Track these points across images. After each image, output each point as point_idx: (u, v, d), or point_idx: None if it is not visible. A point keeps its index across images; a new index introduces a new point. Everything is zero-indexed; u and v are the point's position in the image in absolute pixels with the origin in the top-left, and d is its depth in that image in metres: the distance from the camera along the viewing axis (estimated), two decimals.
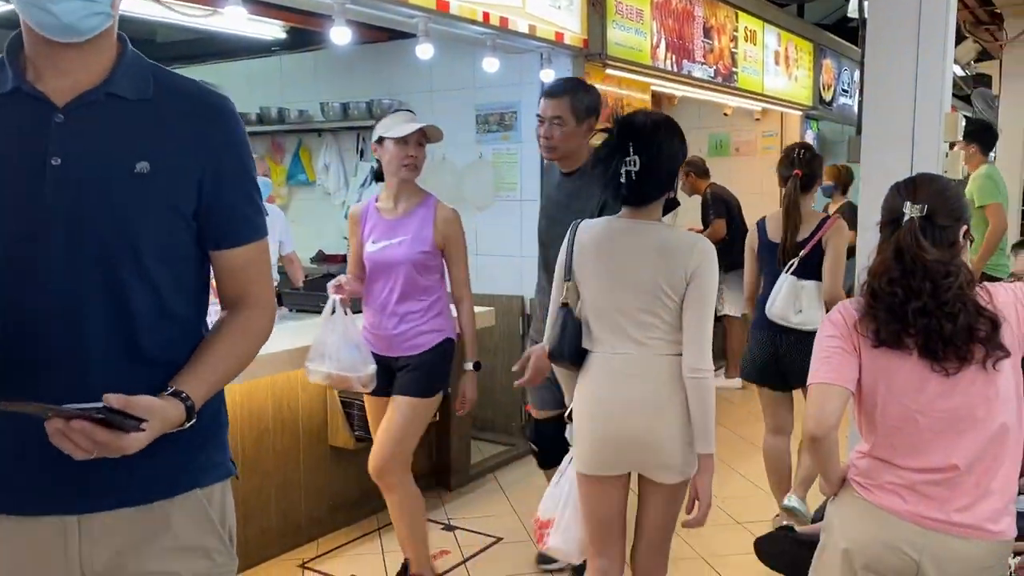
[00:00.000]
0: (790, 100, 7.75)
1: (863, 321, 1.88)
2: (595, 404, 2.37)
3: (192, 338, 1.50)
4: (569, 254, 2.44)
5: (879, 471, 1.91)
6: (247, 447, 3.53)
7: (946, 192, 1.91)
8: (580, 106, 3.09)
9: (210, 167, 1.41)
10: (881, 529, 1.88)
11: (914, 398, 1.85)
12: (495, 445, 5.14)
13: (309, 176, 6.21)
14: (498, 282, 5.27)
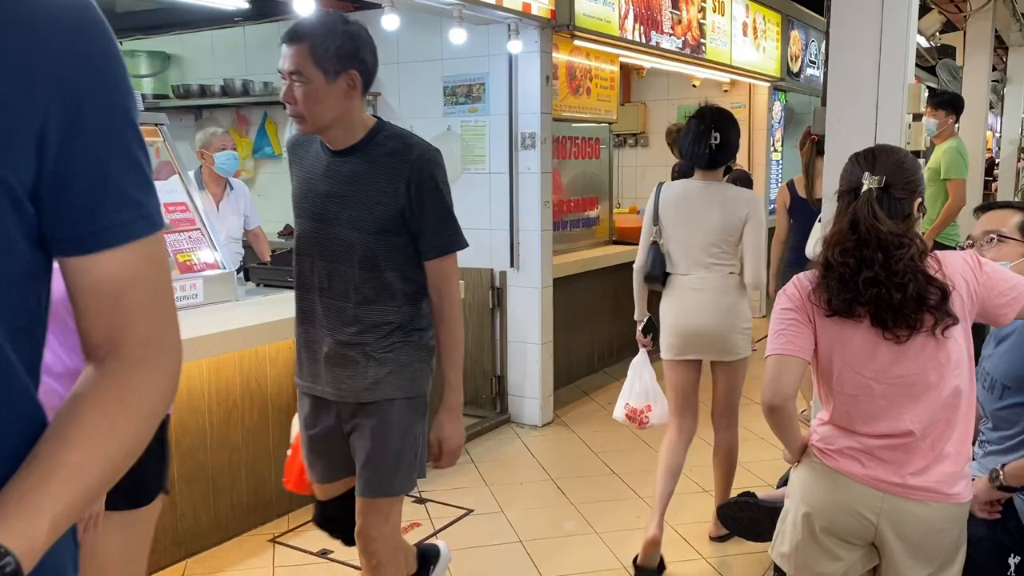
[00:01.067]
0: (758, 71, 7.77)
1: (816, 291, 1.91)
2: (678, 310, 3.42)
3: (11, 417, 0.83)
4: (656, 207, 3.42)
5: (838, 437, 1.96)
6: (215, 422, 3.51)
7: (904, 164, 1.94)
8: (327, 55, 2.10)
9: (56, 107, 0.80)
10: (840, 493, 1.93)
11: (867, 365, 1.89)
12: (466, 417, 5.14)
13: (275, 149, 6.13)
14: (468, 254, 5.23)
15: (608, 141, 6.41)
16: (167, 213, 3.82)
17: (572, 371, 5.97)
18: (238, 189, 4.80)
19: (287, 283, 4.20)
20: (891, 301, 1.82)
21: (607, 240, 6.43)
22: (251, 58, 6.18)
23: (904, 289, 1.81)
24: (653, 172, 8.67)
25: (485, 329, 5.24)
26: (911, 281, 1.82)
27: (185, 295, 3.63)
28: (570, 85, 5.60)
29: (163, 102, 6.28)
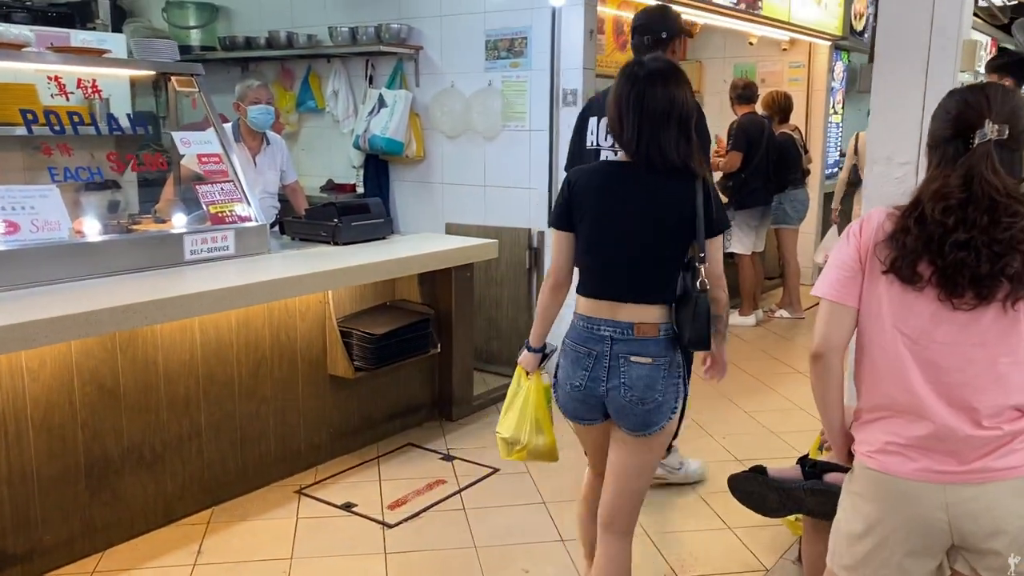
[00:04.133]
0: (819, 30, 7.45)
1: (883, 244, 1.70)
2: None
3: None
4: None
5: (878, 431, 1.77)
6: (244, 373, 3.54)
7: (1020, 112, 1.68)
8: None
9: None
10: (896, 501, 1.71)
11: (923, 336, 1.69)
12: (498, 377, 5.13)
13: (319, 103, 6.10)
14: (506, 214, 5.19)
15: None
16: (200, 164, 3.83)
17: None
18: (275, 143, 4.78)
19: (321, 237, 4.21)
20: (977, 270, 1.61)
21: None
22: (296, 11, 6.13)
23: (996, 261, 1.60)
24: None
25: (521, 289, 5.18)
26: (1011, 254, 1.59)
27: (216, 246, 3.65)
28: (617, 40, 5.43)
29: (209, 54, 6.29)
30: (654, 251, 2.25)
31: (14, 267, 2.97)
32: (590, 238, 2.31)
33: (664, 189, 2.24)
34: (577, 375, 2.30)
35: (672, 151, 2.22)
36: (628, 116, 2.23)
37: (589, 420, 2.37)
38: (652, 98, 2.21)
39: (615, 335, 2.25)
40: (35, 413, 2.84)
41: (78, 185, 3.53)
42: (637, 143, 2.23)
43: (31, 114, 3.32)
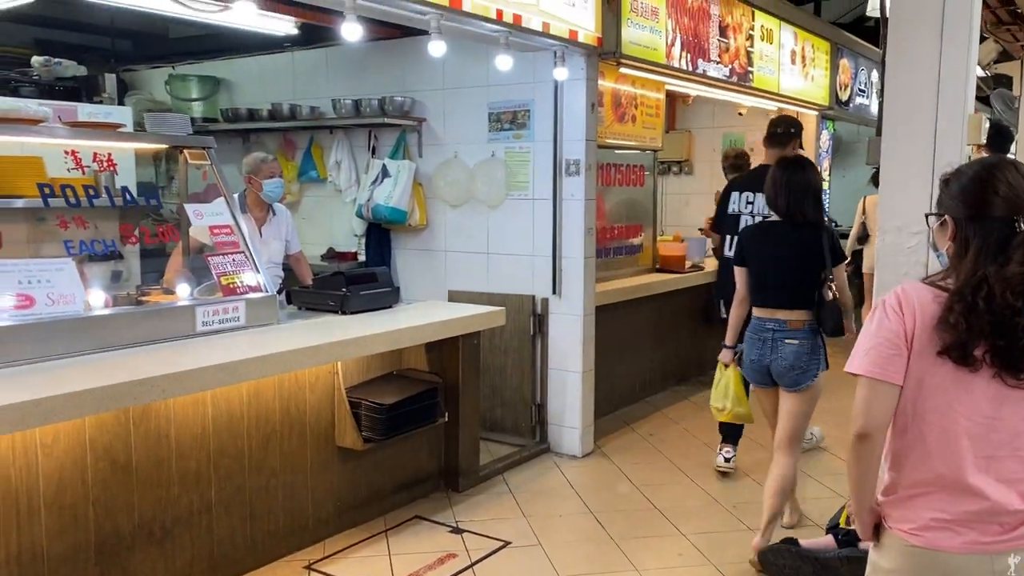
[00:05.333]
0: (806, 100, 7.66)
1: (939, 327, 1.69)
2: None
3: None
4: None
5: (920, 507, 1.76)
6: (254, 447, 3.50)
7: None
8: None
9: None
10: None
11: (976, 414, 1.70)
12: (505, 446, 5.09)
13: (321, 173, 6.17)
14: (510, 281, 5.23)
15: (653, 168, 6.35)
16: (212, 235, 3.85)
17: (613, 400, 5.87)
18: (280, 214, 4.83)
19: (329, 307, 4.21)
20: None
21: (650, 268, 6.34)
22: (299, 83, 6.25)
23: None
24: (698, 200, 8.58)
25: (526, 356, 5.18)
26: None
27: (227, 317, 3.64)
28: (615, 112, 5.56)
29: (212, 125, 6.37)
30: (797, 276, 3.61)
31: (30, 340, 2.95)
32: (758, 269, 3.72)
33: (803, 237, 3.62)
34: (753, 352, 3.68)
35: (809, 213, 3.62)
36: (782, 192, 3.61)
37: (763, 384, 3.74)
38: (796, 180, 3.61)
39: (775, 327, 3.62)
40: (47, 490, 2.79)
41: (82, 256, 3.54)
42: (788, 208, 3.62)
43: (48, 188, 3.33)
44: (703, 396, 6.43)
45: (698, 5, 5.78)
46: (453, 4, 3.83)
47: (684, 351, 6.83)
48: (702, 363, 7.11)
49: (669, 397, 6.41)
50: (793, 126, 4.78)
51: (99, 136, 3.81)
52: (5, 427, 2.51)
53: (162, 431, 3.14)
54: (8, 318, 2.91)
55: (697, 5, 5.77)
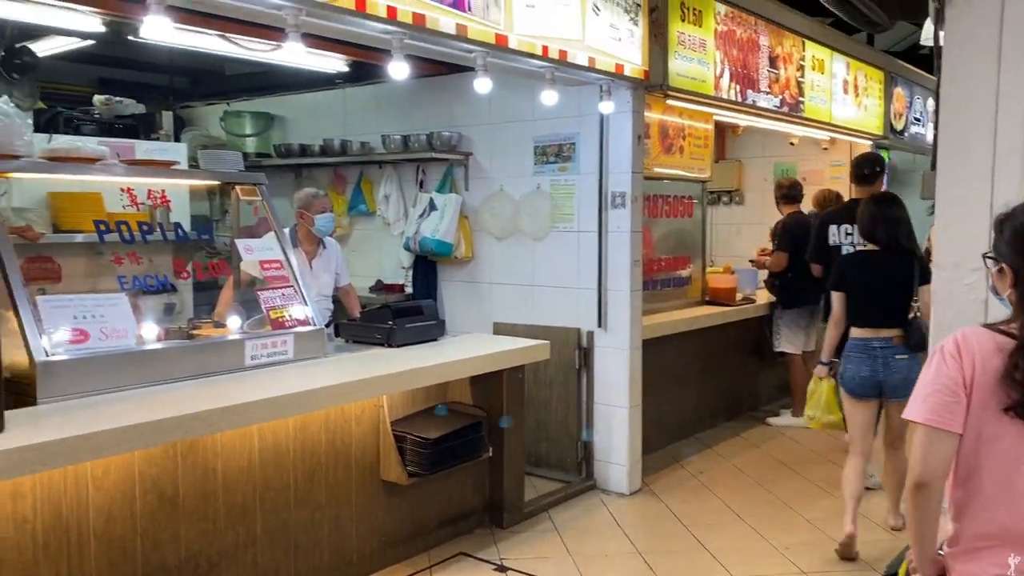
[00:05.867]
0: (859, 129, 7.53)
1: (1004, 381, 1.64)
2: None
3: None
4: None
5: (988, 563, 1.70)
6: (300, 480, 3.51)
7: None
8: None
9: None
10: None
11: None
12: (550, 482, 5.03)
13: (370, 207, 6.25)
14: (554, 314, 5.20)
15: (702, 199, 6.29)
16: (262, 270, 3.91)
17: (662, 437, 5.78)
18: (330, 247, 4.89)
19: (375, 339, 4.24)
20: None
21: (699, 300, 6.26)
22: (349, 119, 6.36)
23: None
24: (749, 230, 8.47)
25: (571, 390, 5.14)
26: None
27: (276, 351, 3.68)
28: (663, 143, 5.53)
29: (265, 161, 6.51)
30: (899, 297, 4.06)
31: (83, 374, 3.01)
32: (861, 293, 4.14)
33: (899, 264, 4.09)
34: (864, 369, 4.03)
35: (904, 242, 4.11)
36: (880, 224, 4.10)
37: (867, 397, 4.09)
38: (891, 214, 4.11)
39: (882, 345, 4.02)
40: (97, 522, 2.83)
41: (137, 291, 3.62)
42: (887, 239, 4.09)
43: (103, 224, 3.42)
44: (755, 432, 6.30)
45: (747, 36, 5.75)
46: (499, 41, 3.86)
47: (735, 386, 6.70)
48: (754, 398, 6.97)
49: (719, 433, 6.28)
50: (879, 164, 5.27)
51: (154, 173, 3.92)
52: (58, 460, 2.56)
53: (209, 464, 3.17)
54: (63, 352, 2.98)
55: (746, 37, 5.74)
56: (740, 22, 5.67)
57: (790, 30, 6.32)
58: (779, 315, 6.41)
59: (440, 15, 3.57)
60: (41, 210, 4.22)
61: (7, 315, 2.91)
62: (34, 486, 2.67)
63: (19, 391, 2.88)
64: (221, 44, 4.54)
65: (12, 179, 3.80)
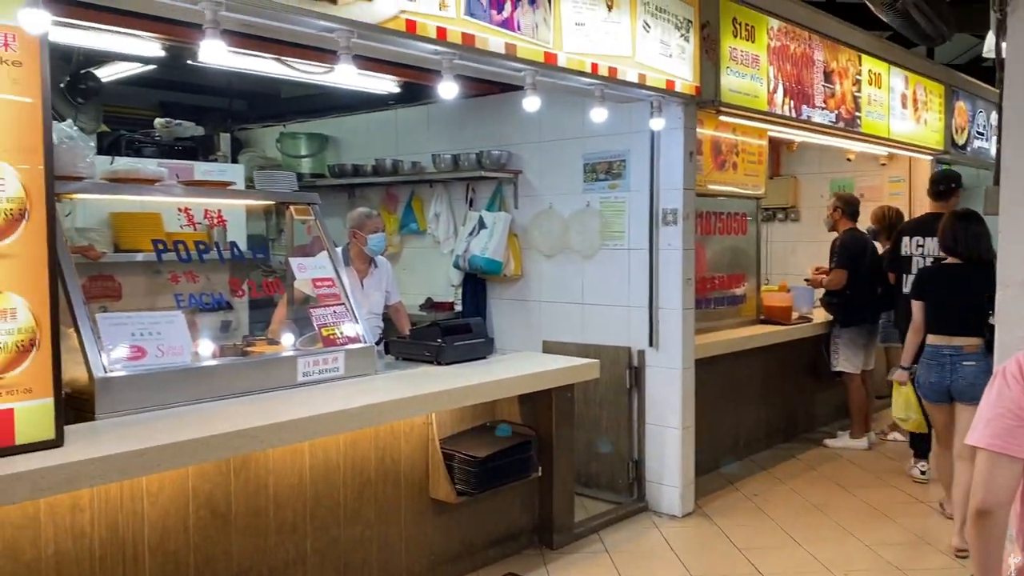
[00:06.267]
0: (919, 144, 7.35)
1: None
2: None
3: None
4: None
5: None
6: (349, 497, 3.53)
7: None
8: None
9: None
10: None
11: None
12: (601, 503, 4.97)
13: (420, 225, 6.30)
14: (605, 332, 5.16)
15: (756, 215, 6.19)
16: (315, 287, 3.96)
17: (715, 458, 5.67)
18: (382, 266, 4.94)
19: (425, 357, 4.25)
20: None
21: (754, 319, 6.15)
22: (401, 139, 6.44)
23: None
24: (805, 247, 8.31)
25: (622, 410, 5.08)
26: None
27: (327, 368, 3.71)
28: (715, 160, 5.47)
29: (319, 181, 6.62)
30: (970, 309, 4.25)
31: (139, 390, 3.07)
32: (937, 303, 4.43)
33: (978, 275, 4.16)
34: (933, 375, 4.35)
35: (984, 255, 4.25)
36: (961, 239, 4.37)
37: (939, 402, 4.39)
38: (972, 230, 4.36)
39: (952, 353, 4.30)
40: (152, 537, 2.88)
41: (194, 308, 3.69)
42: (967, 253, 4.36)
43: (161, 244, 3.51)
44: (812, 454, 6.14)
45: (801, 51, 5.66)
46: (548, 60, 3.87)
47: (791, 407, 6.55)
48: (810, 419, 6.81)
49: (775, 455, 6.14)
50: (954, 181, 5.57)
51: (211, 194, 4.01)
52: (114, 475, 2.61)
53: (261, 481, 3.21)
54: (121, 368, 3.05)
55: (800, 51, 5.65)
56: (794, 37, 5.59)
57: (846, 44, 6.21)
58: (837, 334, 6.26)
59: (489, 35, 3.59)
60: (103, 230, 4.36)
61: (69, 332, 2.99)
62: (92, 500, 2.73)
63: (78, 406, 2.95)
64: (276, 67, 4.63)
65: (76, 200, 3.92)
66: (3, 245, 2.48)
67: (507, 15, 3.65)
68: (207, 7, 2.78)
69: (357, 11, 3.13)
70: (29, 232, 2.53)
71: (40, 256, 2.56)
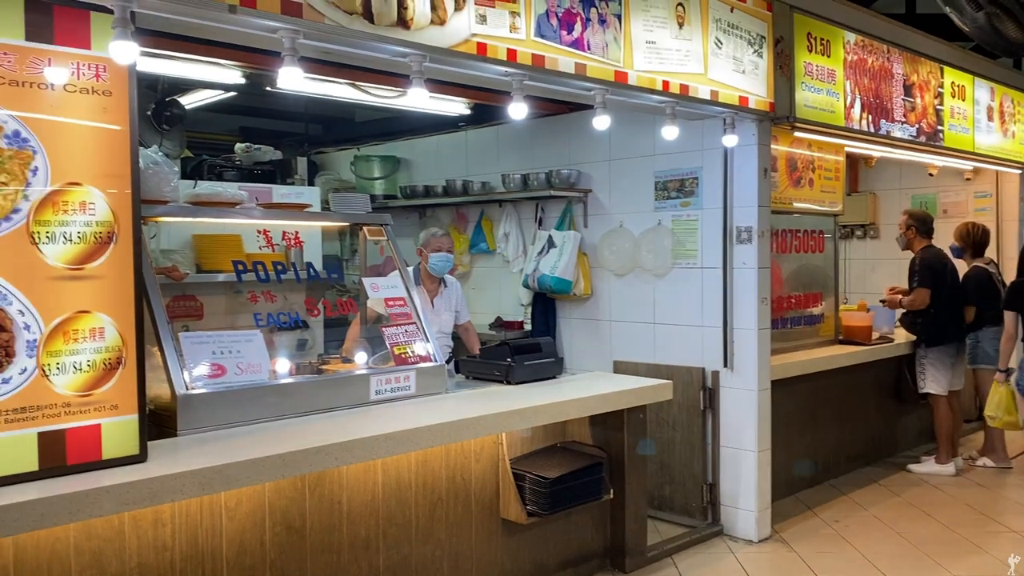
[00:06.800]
0: (1006, 157, 7.06)
1: None
2: None
3: None
4: None
5: None
6: (421, 516, 3.54)
7: None
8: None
9: None
10: None
11: None
12: (674, 526, 4.88)
13: (490, 245, 6.34)
14: (678, 352, 5.08)
15: (833, 233, 6.03)
16: (387, 307, 4.01)
17: (792, 482, 5.51)
18: (451, 286, 4.98)
19: (494, 376, 4.25)
20: None
21: (832, 339, 5.97)
22: (471, 159, 6.50)
23: None
24: (885, 265, 8.06)
25: (695, 432, 4.98)
26: None
27: (399, 386, 3.75)
28: (790, 176, 5.36)
29: (392, 202, 6.73)
30: None
31: (219, 407, 3.16)
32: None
33: None
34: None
35: None
36: None
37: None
38: None
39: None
40: (229, 552, 2.94)
41: (271, 327, 3.78)
42: None
43: (241, 264, 3.61)
44: (895, 479, 5.91)
45: (879, 65, 5.52)
46: (618, 78, 3.86)
47: (872, 430, 6.33)
48: (893, 443, 6.57)
49: (856, 480, 5.93)
50: None
51: (289, 216, 4.11)
52: (194, 490, 2.68)
53: (335, 497, 3.25)
54: (202, 386, 3.14)
55: (879, 65, 5.51)
56: (872, 50, 5.45)
57: (927, 56, 6.03)
58: (923, 354, 6.04)
59: (559, 55, 3.60)
60: (186, 251, 4.51)
61: (153, 351, 3.10)
62: (173, 514, 2.81)
63: (161, 422, 3.05)
64: (350, 92, 4.75)
65: (160, 222, 4.07)
66: (92, 267, 2.59)
67: (577, 35, 3.66)
68: (286, 36, 2.86)
69: (430, 36, 3.18)
70: (117, 254, 2.63)
71: (127, 277, 2.66)
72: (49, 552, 2.57)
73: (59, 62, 2.52)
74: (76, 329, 2.55)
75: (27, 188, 2.47)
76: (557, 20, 3.58)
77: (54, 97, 2.52)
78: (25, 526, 2.34)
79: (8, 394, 2.45)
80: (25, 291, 2.47)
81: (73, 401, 2.56)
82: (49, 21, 2.51)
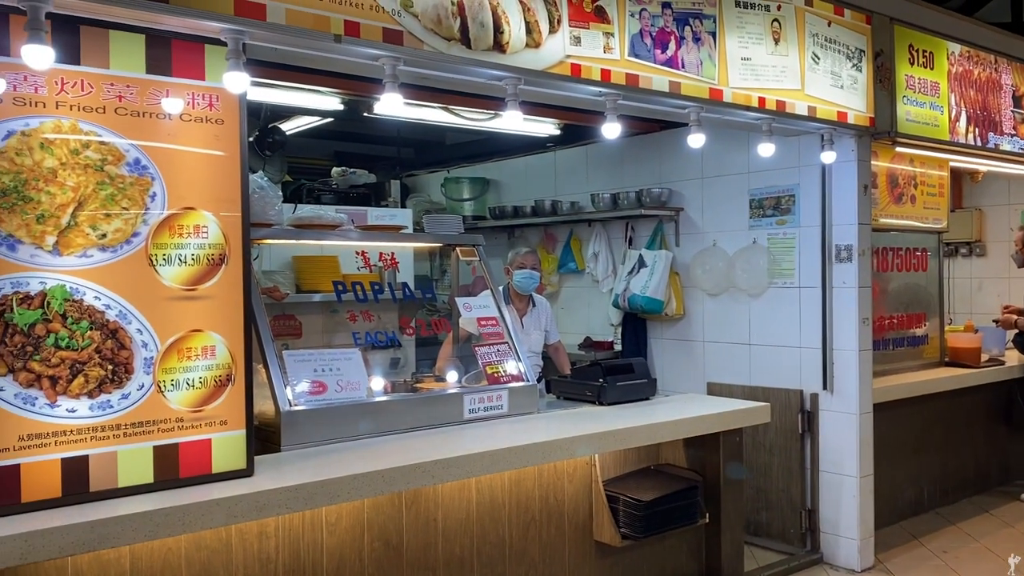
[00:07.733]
0: None
1: None
2: None
3: None
4: None
5: None
6: (514, 535, 3.54)
7: None
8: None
9: None
10: None
11: None
12: (771, 552, 4.74)
13: (578, 264, 6.33)
14: (775, 374, 4.95)
15: (937, 251, 5.79)
16: (479, 326, 4.05)
17: (896, 510, 5.28)
18: (540, 305, 4.99)
19: (586, 397, 4.23)
20: None
21: (938, 362, 5.72)
22: (560, 180, 6.53)
23: None
24: (992, 284, 7.68)
25: (793, 456, 4.84)
26: None
27: (492, 405, 3.77)
28: (891, 193, 5.18)
29: (481, 222, 6.81)
30: None
31: (320, 424, 3.24)
32: None
33: None
34: None
35: None
36: None
37: None
38: None
39: None
40: (330, 565, 3.00)
41: (367, 346, 3.86)
42: None
43: (340, 284, 3.71)
44: (1007, 509, 5.60)
45: (986, 76, 5.30)
46: (713, 96, 3.82)
47: (981, 457, 6.02)
48: (1005, 471, 6.23)
49: (965, 509, 5.64)
50: None
51: (384, 237, 4.20)
52: (299, 504, 2.75)
53: (431, 515, 3.28)
54: (304, 403, 3.23)
55: (985, 76, 5.29)
56: (978, 61, 5.24)
57: None
58: None
59: (653, 74, 3.59)
60: (286, 272, 4.66)
61: (258, 368, 3.21)
62: (277, 528, 2.89)
63: (265, 438, 3.14)
64: (444, 116, 4.84)
65: (263, 244, 4.22)
66: (205, 287, 2.70)
67: (671, 54, 3.65)
68: (387, 63, 2.94)
69: (525, 59, 3.22)
70: (227, 275, 2.74)
71: (236, 298, 2.76)
72: (162, 562, 2.67)
73: (176, 93, 2.65)
74: (189, 347, 2.67)
75: (146, 213, 2.60)
76: (651, 39, 3.57)
77: (171, 126, 2.65)
78: (141, 536, 2.44)
79: (127, 409, 2.57)
80: (143, 311, 2.60)
81: (186, 416, 2.67)
82: (167, 54, 2.65)
